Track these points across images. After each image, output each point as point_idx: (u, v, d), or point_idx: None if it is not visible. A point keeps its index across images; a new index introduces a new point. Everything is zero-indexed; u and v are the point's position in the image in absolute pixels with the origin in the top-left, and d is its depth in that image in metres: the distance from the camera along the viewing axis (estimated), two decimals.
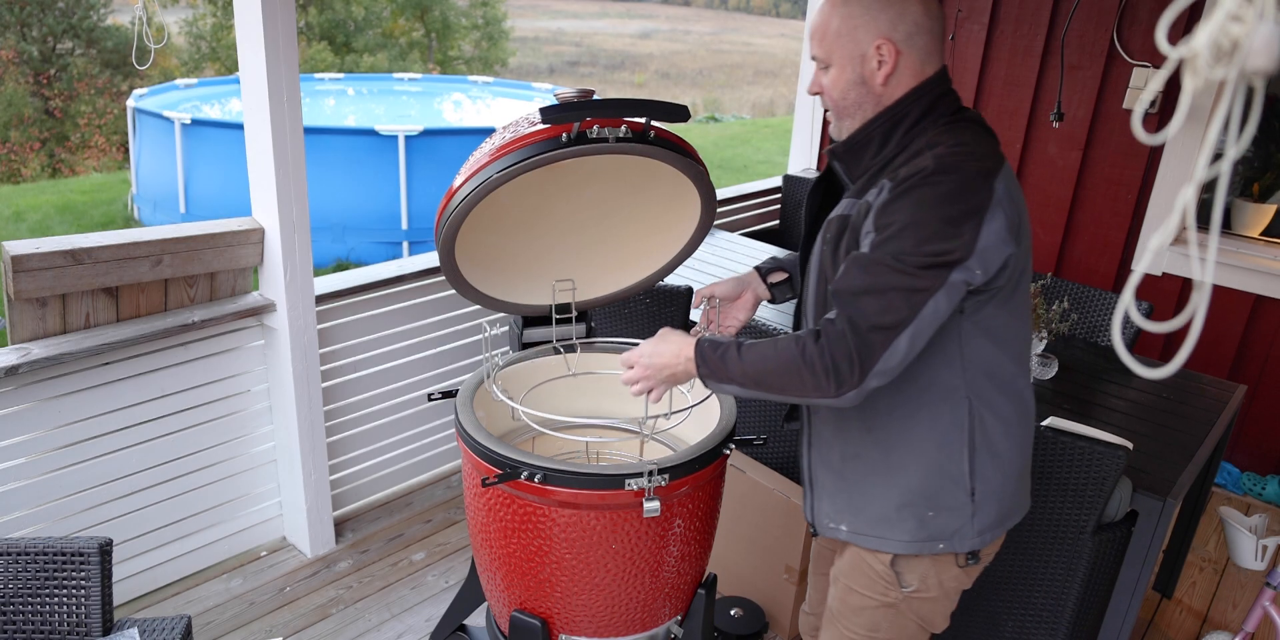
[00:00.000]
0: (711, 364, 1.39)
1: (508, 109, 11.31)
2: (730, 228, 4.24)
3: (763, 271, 1.78)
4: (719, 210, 4.16)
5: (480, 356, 3.23)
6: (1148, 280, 3.53)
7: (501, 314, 2.56)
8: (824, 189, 1.56)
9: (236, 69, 2.55)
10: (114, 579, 1.88)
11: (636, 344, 1.55)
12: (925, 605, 1.54)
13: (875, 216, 1.31)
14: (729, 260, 3.58)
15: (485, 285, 1.96)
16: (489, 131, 7.30)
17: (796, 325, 1.62)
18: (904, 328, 1.26)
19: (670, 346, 1.46)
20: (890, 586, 1.52)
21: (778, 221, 4.52)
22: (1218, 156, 0.59)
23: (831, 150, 1.47)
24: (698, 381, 1.47)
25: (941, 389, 1.41)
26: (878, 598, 1.55)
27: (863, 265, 1.29)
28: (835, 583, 1.64)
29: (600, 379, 2.08)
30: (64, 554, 1.66)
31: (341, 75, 12.85)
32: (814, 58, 1.43)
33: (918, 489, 1.45)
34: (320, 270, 7.42)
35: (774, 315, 2.91)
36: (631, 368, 1.51)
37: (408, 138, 7.97)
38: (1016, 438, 1.47)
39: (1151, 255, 0.63)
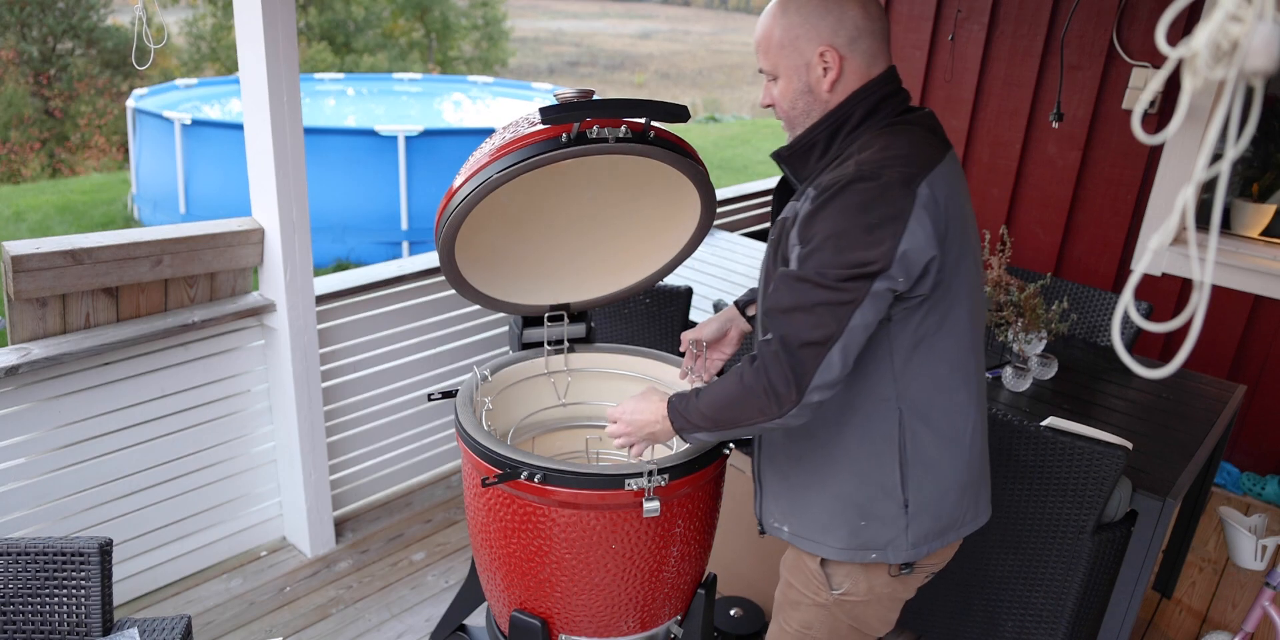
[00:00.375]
0: (680, 417, 1.44)
1: (508, 109, 11.32)
2: (730, 228, 4.24)
3: (740, 305, 1.80)
4: (719, 210, 4.16)
5: (480, 357, 3.23)
6: (1147, 280, 3.53)
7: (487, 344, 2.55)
8: (784, 194, 1.57)
9: (236, 69, 2.55)
10: (114, 579, 1.88)
11: (628, 349, 1.57)
12: (856, 608, 1.55)
13: (799, 228, 1.32)
14: (729, 260, 3.58)
15: (485, 285, 1.96)
16: (489, 131, 7.30)
17: None
18: (834, 341, 1.27)
19: (651, 405, 1.50)
20: (821, 587, 1.54)
21: None
22: (1217, 156, 0.59)
23: (777, 154, 1.48)
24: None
25: (873, 398, 1.40)
26: (810, 596, 1.56)
27: (789, 283, 1.31)
28: (781, 576, 1.66)
29: (595, 378, 2.08)
30: (64, 554, 1.66)
31: (341, 75, 12.85)
32: (761, 71, 1.44)
33: (849, 497, 1.46)
34: (320, 270, 7.41)
35: None
36: (615, 422, 1.55)
37: (408, 138, 7.98)
38: (955, 450, 1.45)
39: (1151, 255, 0.63)
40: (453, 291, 3.00)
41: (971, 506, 1.53)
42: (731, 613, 2.45)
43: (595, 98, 1.67)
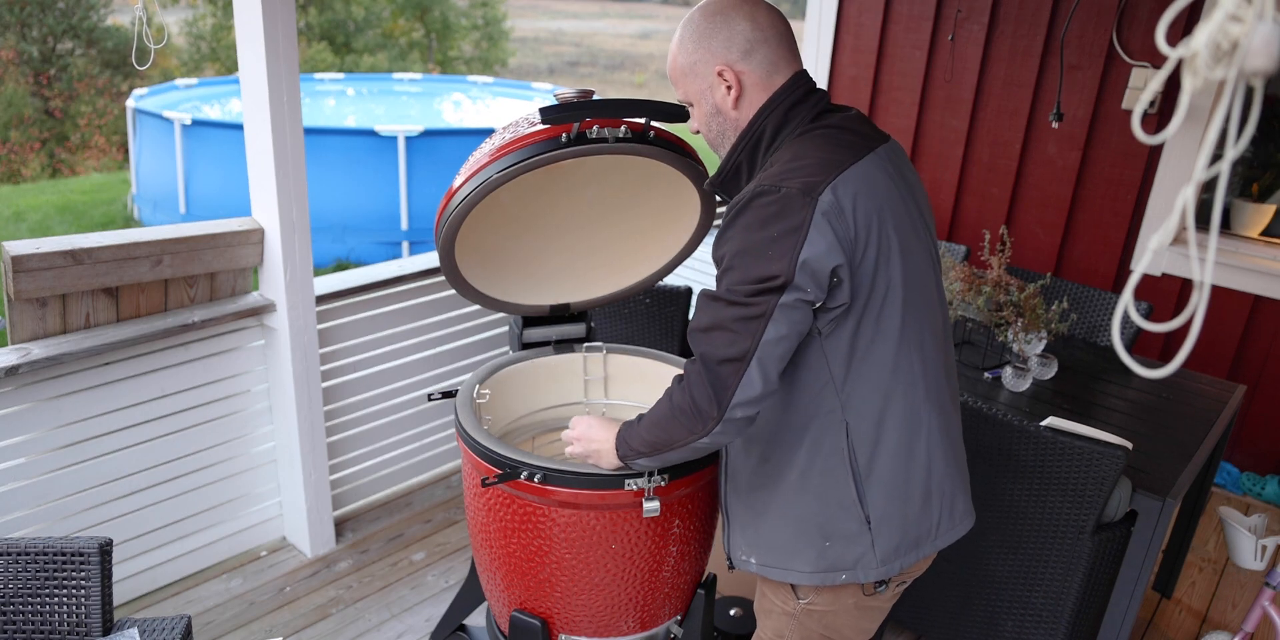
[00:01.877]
0: (624, 443, 1.47)
1: (508, 109, 11.31)
2: None
3: None
4: (719, 210, 4.16)
5: (480, 357, 3.23)
6: (1147, 280, 3.53)
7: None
8: None
9: (236, 69, 2.55)
10: (114, 579, 1.88)
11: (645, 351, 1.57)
12: (825, 617, 1.52)
13: (713, 249, 1.34)
14: None
15: (485, 285, 1.96)
16: (489, 131, 7.30)
17: None
18: (750, 356, 1.27)
19: (606, 428, 1.53)
20: (788, 596, 1.52)
21: None
22: (1217, 156, 0.59)
23: (710, 185, 1.48)
24: None
25: (819, 413, 1.38)
26: (780, 604, 1.54)
27: (705, 303, 1.33)
28: (756, 583, 1.64)
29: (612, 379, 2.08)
30: (64, 554, 1.66)
31: (341, 75, 12.85)
32: (680, 101, 1.46)
33: (810, 518, 1.43)
34: (320, 270, 7.41)
35: None
36: (572, 438, 1.58)
37: (408, 138, 7.97)
38: (909, 457, 1.41)
39: (1151, 255, 0.63)
40: (453, 291, 3.00)
41: (945, 515, 1.48)
42: (731, 613, 2.45)
43: (595, 98, 1.67)
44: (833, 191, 1.27)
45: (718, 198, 1.50)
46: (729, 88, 1.37)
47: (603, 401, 2.11)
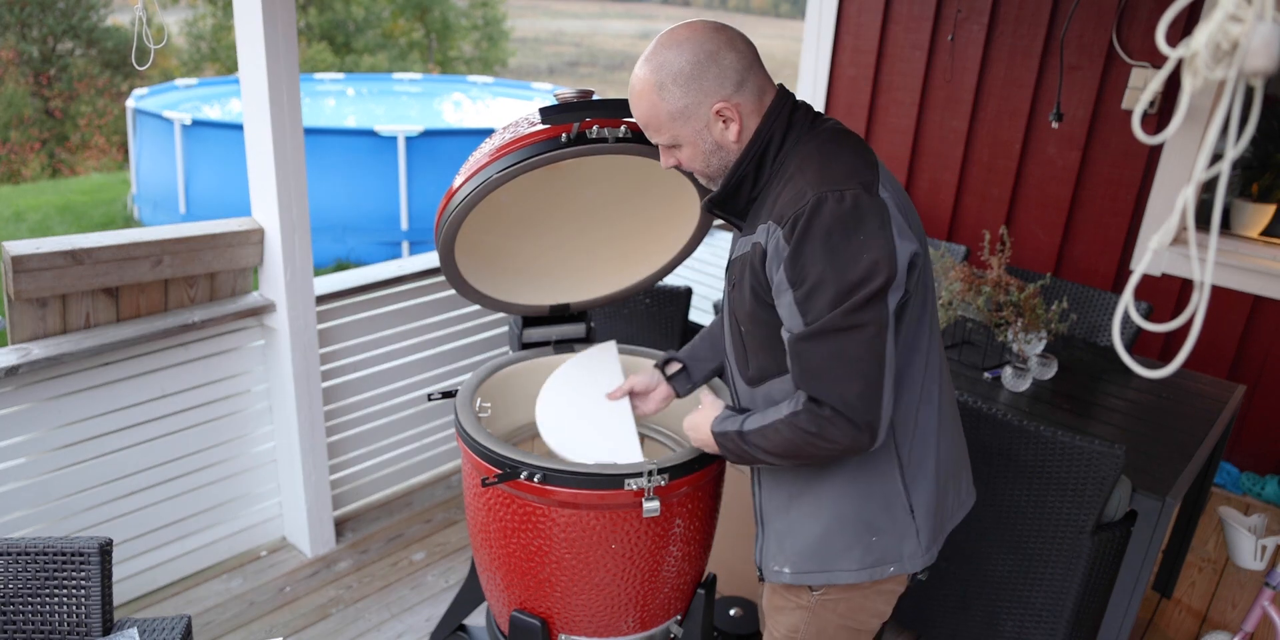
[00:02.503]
0: (731, 454, 1.44)
1: (508, 109, 11.31)
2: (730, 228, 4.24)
3: (660, 364, 1.80)
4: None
5: (480, 357, 3.23)
6: (1147, 280, 3.53)
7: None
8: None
9: (236, 69, 2.54)
10: (114, 579, 1.88)
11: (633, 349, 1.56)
12: (842, 605, 1.51)
13: (786, 270, 1.26)
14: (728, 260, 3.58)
15: (485, 285, 1.96)
16: (489, 132, 7.30)
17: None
18: (882, 380, 1.26)
19: (703, 433, 1.51)
20: (802, 590, 1.51)
21: None
22: (1217, 156, 0.59)
23: (711, 204, 1.43)
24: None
25: None
26: (794, 599, 1.54)
27: (809, 343, 1.26)
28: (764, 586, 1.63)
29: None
30: (64, 554, 1.66)
31: (341, 75, 12.84)
32: (656, 142, 1.41)
33: (855, 515, 1.43)
34: (320, 270, 7.41)
35: None
36: (688, 432, 1.57)
37: (408, 138, 7.97)
38: (933, 440, 1.44)
39: (1151, 255, 0.63)
40: (453, 291, 3.00)
41: (958, 492, 1.54)
42: (731, 613, 2.45)
43: (595, 98, 1.67)
44: (885, 187, 1.30)
45: (716, 214, 1.47)
46: (727, 121, 1.33)
47: None
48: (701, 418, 1.53)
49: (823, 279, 1.23)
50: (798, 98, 1.39)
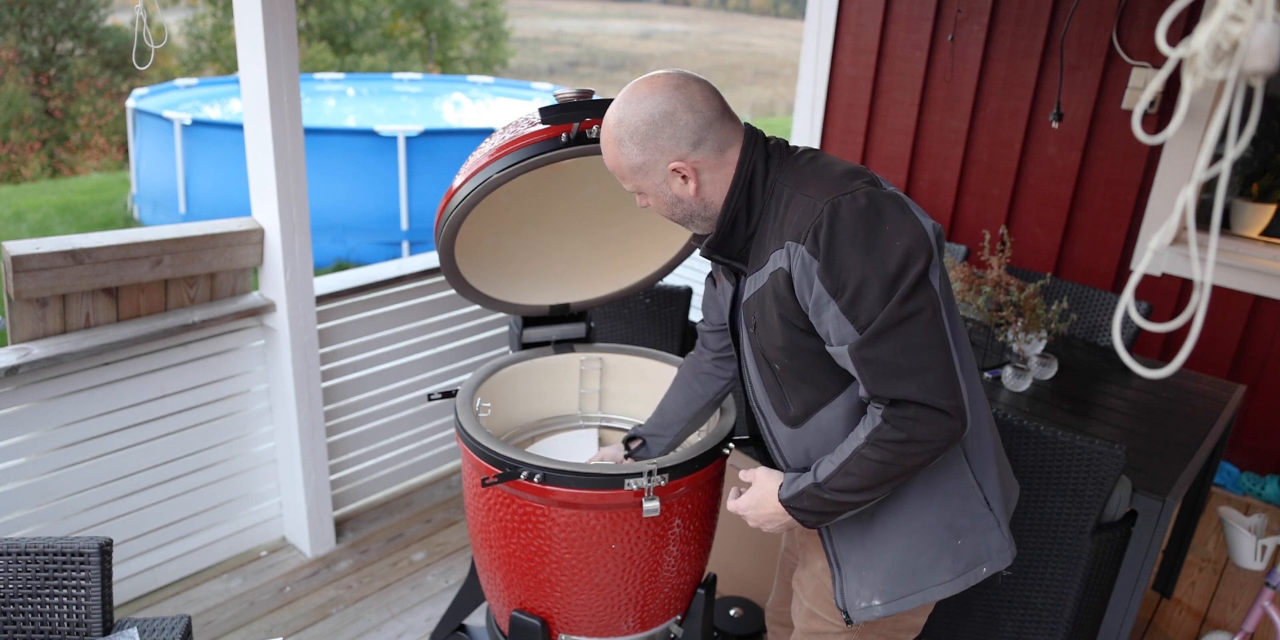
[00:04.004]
0: (813, 515, 1.36)
1: (508, 109, 11.31)
2: None
3: (625, 440, 1.81)
4: None
5: (480, 357, 3.23)
6: (1147, 280, 3.53)
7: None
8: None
9: (236, 69, 2.54)
10: (114, 579, 1.88)
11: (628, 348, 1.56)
12: (885, 625, 1.48)
13: (822, 281, 1.23)
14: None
15: (485, 285, 1.96)
16: (489, 131, 7.30)
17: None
18: (950, 362, 1.23)
19: (767, 509, 1.43)
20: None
21: None
22: (1218, 156, 0.59)
23: (709, 248, 1.40)
24: None
25: None
26: (837, 622, 1.49)
27: (874, 342, 1.22)
28: (798, 603, 1.58)
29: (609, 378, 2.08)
30: (64, 554, 1.66)
31: (341, 75, 12.85)
32: (630, 190, 1.41)
33: (935, 522, 1.38)
34: (320, 270, 7.41)
35: None
36: (747, 516, 1.48)
37: (408, 138, 7.97)
38: (988, 433, 1.43)
39: (1151, 255, 0.63)
40: (453, 291, 3.00)
41: (1011, 478, 1.53)
42: (731, 613, 2.45)
43: (595, 98, 1.67)
44: (886, 184, 1.31)
45: (716, 259, 1.43)
46: (685, 179, 1.32)
47: (599, 415, 2.11)
48: (763, 492, 1.43)
49: (864, 279, 1.21)
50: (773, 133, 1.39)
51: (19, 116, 12.28)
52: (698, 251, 1.53)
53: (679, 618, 1.86)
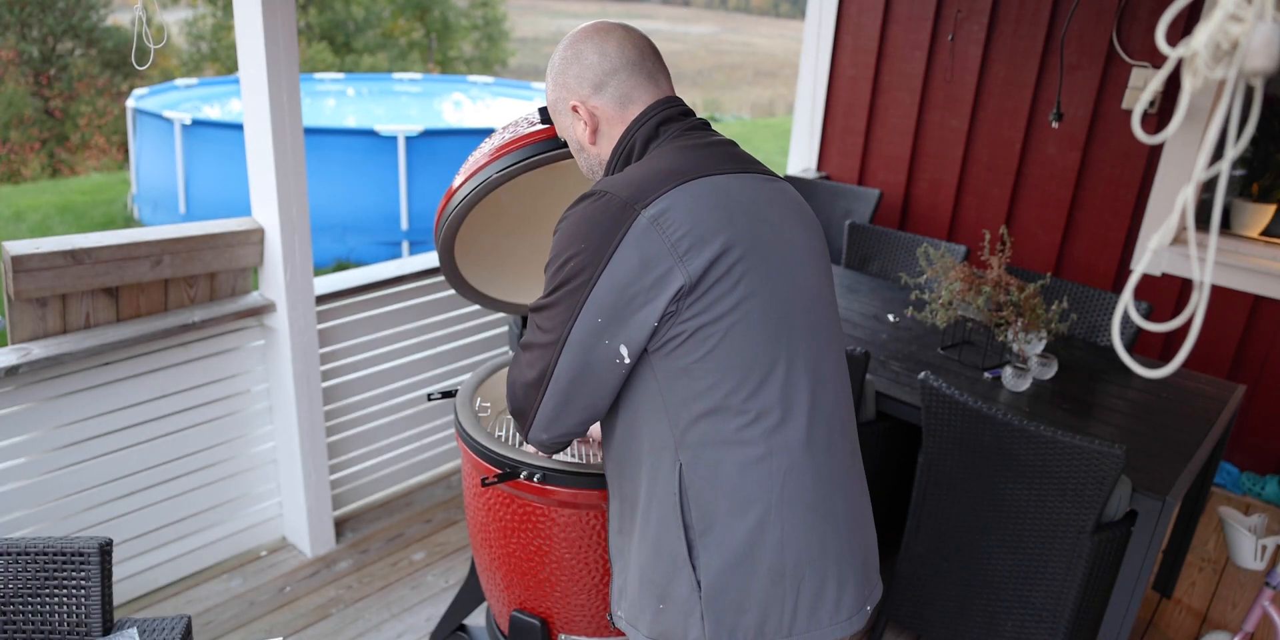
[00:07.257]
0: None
1: (508, 109, 11.31)
2: None
3: None
4: None
5: (480, 357, 3.23)
6: (1147, 280, 3.53)
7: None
8: None
9: (236, 69, 2.54)
10: (114, 579, 1.88)
11: None
12: None
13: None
14: None
15: (485, 285, 1.96)
16: (489, 131, 7.29)
17: None
18: (556, 389, 1.24)
19: None
20: None
21: None
22: (1217, 156, 0.59)
23: None
24: None
25: (653, 446, 1.20)
26: None
27: (534, 310, 1.30)
28: None
29: None
30: (64, 554, 1.66)
31: (341, 75, 12.85)
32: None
33: (648, 572, 1.23)
34: (320, 270, 7.42)
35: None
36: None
37: (408, 138, 7.97)
38: (750, 516, 1.15)
39: (1151, 255, 0.63)
40: (453, 291, 3.00)
41: (808, 605, 1.18)
42: None
43: None
44: (665, 201, 1.14)
45: None
46: (584, 124, 1.31)
47: None
48: None
49: (548, 267, 1.22)
50: (694, 111, 1.32)
51: (19, 116, 12.28)
52: None
53: None
